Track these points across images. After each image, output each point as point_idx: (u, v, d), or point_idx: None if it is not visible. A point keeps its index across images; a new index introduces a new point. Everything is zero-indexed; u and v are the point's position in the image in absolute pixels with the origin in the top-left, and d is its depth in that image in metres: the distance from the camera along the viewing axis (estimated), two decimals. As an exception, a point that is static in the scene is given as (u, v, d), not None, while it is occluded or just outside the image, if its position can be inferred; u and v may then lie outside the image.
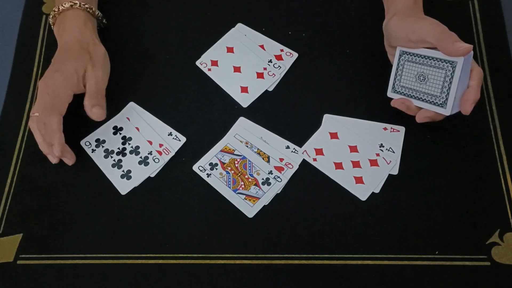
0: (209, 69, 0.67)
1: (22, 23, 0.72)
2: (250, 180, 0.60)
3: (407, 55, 0.59)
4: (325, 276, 0.55)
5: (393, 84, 0.61)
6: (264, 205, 0.58)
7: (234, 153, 0.62)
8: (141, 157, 0.61)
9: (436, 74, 0.56)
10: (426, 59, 0.57)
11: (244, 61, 0.68)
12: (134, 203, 0.59)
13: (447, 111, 0.56)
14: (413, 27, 0.57)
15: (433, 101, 0.57)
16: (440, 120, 0.59)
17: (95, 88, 0.61)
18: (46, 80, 0.60)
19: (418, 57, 0.58)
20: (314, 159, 0.61)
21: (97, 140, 0.63)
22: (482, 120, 0.63)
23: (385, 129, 0.62)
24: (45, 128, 0.58)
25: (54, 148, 0.58)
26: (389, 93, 0.61)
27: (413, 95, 0.59)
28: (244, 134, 0.63)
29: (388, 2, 0.64)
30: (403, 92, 0.60)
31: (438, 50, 0.55)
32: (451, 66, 0.55)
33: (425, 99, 0.58)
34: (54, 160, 0.61)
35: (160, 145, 0.62)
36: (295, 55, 0.68)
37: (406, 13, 0.60)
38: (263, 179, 0.60)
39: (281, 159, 0.61)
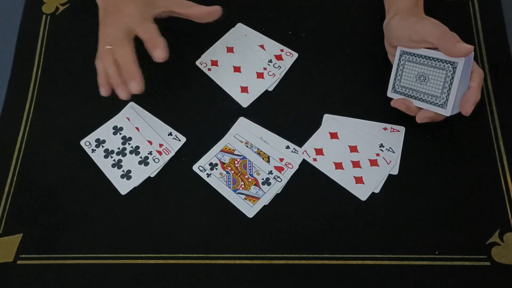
0: (209, 69, 0.67)
1: (22, 23, 0.72)
2: (250, 180, 0.60)
3: (408, 55, 0.59)
4: (325, 276, 0.55)
5: (393, 84, 0.60)
6: (264, 205, 0.58)
7: (234, 153, 0.62)
8: (141, 157, 0.61)
9: (436, 74, 0.56)
10: (427, 59, 0.57)
11: (244, 61, 0.68)
12: (134, 203, 0.59)
13: (447, 112, 0.56)
14: (415, 27, 0.57)
15: (433, 102, 0.57)
16: (440, 120, 0.59)
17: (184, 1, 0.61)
18: (117, 14, 0.58)
19: (419, 57, 0.58)
20: (314, 159, 0.61)
21: (97, 140, 0.63)
22: (482, 120, 0.63)
23: (385, 129, 0.62)
24: (120, 61, 0.57)
25: (131, 84, 0.56)
26: (389, 93, 0.61)
27: (414, 95, 0.59)
28: (244, 134, 0.63)
29: (390, 2, 0.64)
30: (403, 92, 0.60)
31: (439, 50, 0.55)
32: (451, 67, 0.55)
33: (425, 99, 0.58)
34: (124, 95, 0.58)
35: (160, 145, 0.62)
36: (295, 55, 0.68)
37: (408, 13, 0.60)
38: (263, 179, 0.60)
39: (281, 159, 0.61)
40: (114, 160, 0.61)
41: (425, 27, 0.56)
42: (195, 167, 0.61)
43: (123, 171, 0.61)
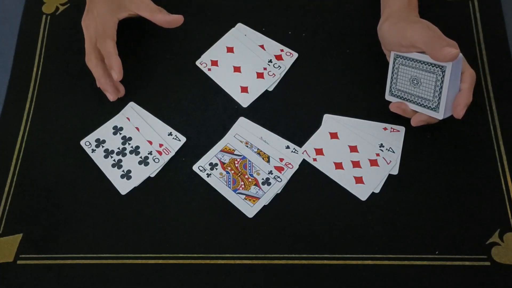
0: (209, 69, 0.67)
1: (22, 23, 0.72)
2: (250, 180, 0.60)
3: (401, 58, 0.59)
4: (325, 276, 0.55)
5: (390, 87, 0.61)
6: (264, 205, 0.58)
7: (234, 153, 0.62)
8: (141, 157, 0.61)
9: (428, 78, 0.56)
10: (418, 63, 0.57)
11: (244, 61, 0.68)
12: (134, 203, 0.59)
13: (439, 115, 0.56)
14: (404, 33, 0.57)
15: (426, 105, 0.57)
16: (435, 123, 0.59)
17: (152, 6, 0.64)
18: (90, 13, 0.64)
19: (411, 61, 0.58)
20: (314, 159, 0.61)
21: (97, 140, 0.63)
22: (482, 120, 0.63)
23: (385, 129, 0.62)
24: (103, 53, 0.62)
25: (113, 72, 0.60)
26: (387, 96, 0.61)
27: (409, 99, 0.59)
28: (244, 134, 0.63)
29: (384, 3, 0.64)
30: (399, 96, 0.60)
31: None
32: (440, 71, 0.55)
33: (419, 102, 0.58)
34: (112, 96, 0.64)
35: (160, 145, 0.62)
36: (295, 55, 0.68)
37: (399, 17, 0.59)
38: (263, 179, 0.60)
39: (281, 159, 0.61)
40: (114, 160, 0.61)
41: (413, 32, 0.56)
42: (195, 167, 0.61)
43: (123, 171, 0.61)
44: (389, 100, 0.61)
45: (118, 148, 0.62)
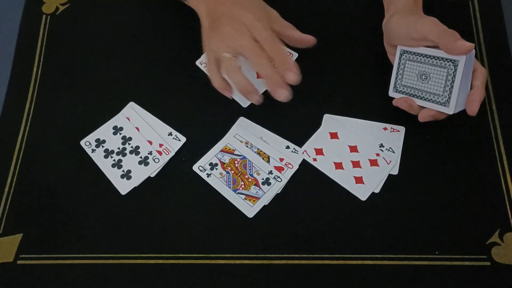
0: (209, 69, 0.67)
1: (22, 23, 0.72)
2: (250, 180, 0.60)
3: (408, 54, 0.59)
4: (325, 276, 0.55)
5: (395, 83, 0.60)
6: (264, 205, 0.58)
7: (234, 153, 0.62)
8: (141, 157, 0.61)
9: (438, 73, 0.56)
10: (428, 58, 0.57)
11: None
12: (134, 203, 0.59)
13: (450, 110, 0.56)
14: (415, 25, 0.57)
15: (435, 100, 0.57)
16: (443, 119, 0.59)
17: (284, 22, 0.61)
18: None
19: (419, 56, 0.57)
20: (314, 159, 0.61)
21: (97, 140, 0.63)
22: (482, 120, 0.63)
23: (385, 129, 0.62)
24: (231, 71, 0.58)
25: (252, 96, 0.58)
26: (391, 93, 0.61)
27: (415, 94, 0.59)
28: (244, 134, 0.63)
29: (388, 1, 0.64)
30: (405, 92, 0.60)
31: (439, 48, 0.55)
32: (453, 65, 0.55)
33: (427, 98, 0.57)
34: (258, 98, 0.59)
35: (160, 145, 0.62)
36: (295, 55, 0.68)
37: (407, 12, 0.60)
38: (263, 179, 0.60)
39: (281, 159, 0.61)
40: (114, 160, 0.61)
41: (425, 25, 0.56)
42: (195, 167, 0.61)
43: (123, 171, 0.61)
44: (393, 96, 0.61)
45: (118, 148, 0.62)
